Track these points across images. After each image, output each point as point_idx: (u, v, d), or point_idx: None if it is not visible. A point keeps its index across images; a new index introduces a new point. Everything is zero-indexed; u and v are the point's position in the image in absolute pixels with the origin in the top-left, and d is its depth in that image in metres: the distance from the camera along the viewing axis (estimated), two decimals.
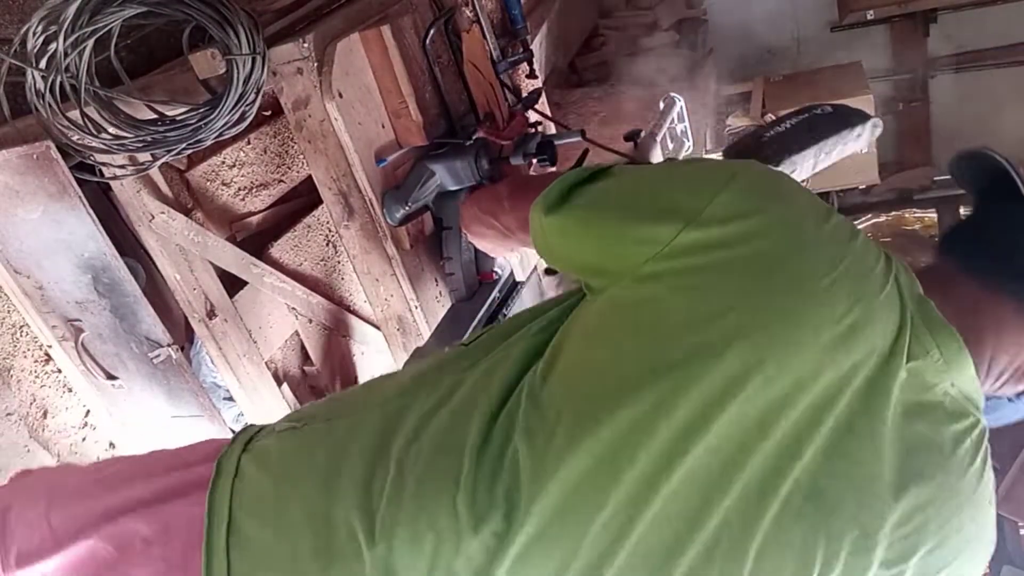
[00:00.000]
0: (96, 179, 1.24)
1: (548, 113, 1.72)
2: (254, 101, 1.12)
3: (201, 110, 1.10)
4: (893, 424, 0.61)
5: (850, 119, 1.19)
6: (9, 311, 1.60)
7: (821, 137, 1.17)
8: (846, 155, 1.21)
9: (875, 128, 1.19)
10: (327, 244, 2.06)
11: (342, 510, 0.69)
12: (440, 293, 1.40)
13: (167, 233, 1.47)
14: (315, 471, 0.73)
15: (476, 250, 1.40)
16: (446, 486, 0.66)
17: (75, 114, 1.08)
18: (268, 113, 1.91)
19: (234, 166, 1.84)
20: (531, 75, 1.64)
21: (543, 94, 1.62)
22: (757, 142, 1.22)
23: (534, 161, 1.40)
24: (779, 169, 1.17)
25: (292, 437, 0.80)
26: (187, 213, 1.63)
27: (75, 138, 1.11)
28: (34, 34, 1.03)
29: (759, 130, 1.25)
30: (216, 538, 0.70)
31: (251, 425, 0.85)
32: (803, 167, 1.18)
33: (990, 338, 0.68)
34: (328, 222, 2.03)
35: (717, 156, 3.32)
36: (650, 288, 0.65)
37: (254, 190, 1.90)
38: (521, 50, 1.61)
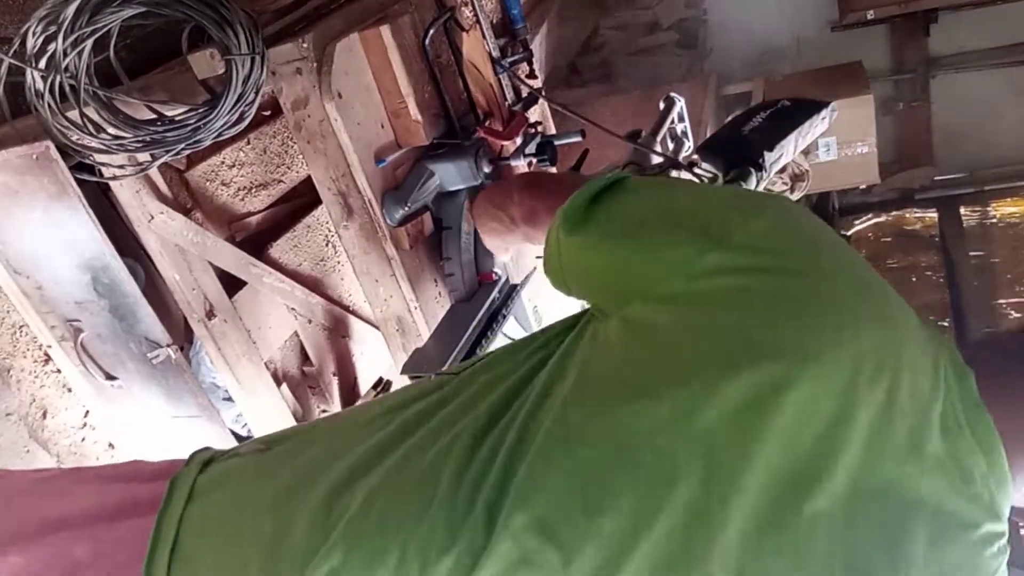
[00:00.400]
0: (95, 179, 1.24)
1: (549, 116, 1.72)
2: (253, 101, 1.12)
3: (200, 110, 1.10)
4: (926, 496, 0.57)
5: (814, 106, 1.30)
6: (8, 311, 1.60)
7: (798, 123, 1.27)
8: (816, 137, 1.33)
9: (832, 112, 1.31)
10: (326, 244, 2.06)
11: (298, 528, 0.66)
12: (440, 294, 1.40)
13: (166, 233, 1.47)
14: (274, 493, 0.70)
15: (476, 250, 1.40)
16: (419, 500, 0.63)
17: (74, 114, 1.08)
18: (267, 113, 1.91)
19: (233, 166, 1.84)
20: (531, 75, 1.64)
21: (543, 94, 1.62)
22: (739, 135, 1.28)
23: (534, 161, 1.39)
24: (773, 153, 1.23)
25: (256, 458, 0.77)
26: (186, 213, 1.63)
27: (74, 138, 1.11)
28: (34, 34, 1.03)
29: (733, 125, 1.32)
30: (157, 562, 0.67)
31: (208, 447, 0.82)
32: (787, 150, 1.28)
33: None
34: (327, 222, 2.03)
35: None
36: (669, 309, 0.62)
37: (253, 190, 1.90)
38: (521, 50, 1.61)
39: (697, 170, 1.36)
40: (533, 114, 1.62)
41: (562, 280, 0.77)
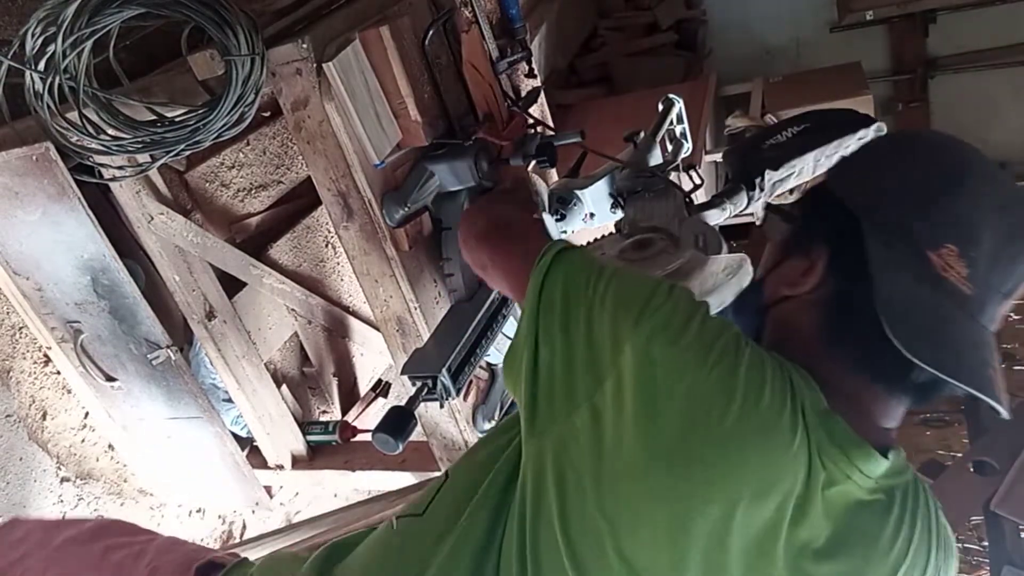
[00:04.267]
0: (95, 180, 1.24)
1: (548, 116, 1.72)
2: (253, 102, 1.11)
3: (200, 111, 1.10)
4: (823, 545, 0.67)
5: (855, 124, 1.20)
6: (8, 312, 1.60)
7: (822, 142, 1.18)
8: (843, 156, 1.21)
9: (879, 132, 1.20)
10: (326, 245, 2.06)
11: None
12: (440, 294, 1.40)
13: (166, 234, 1.47)
14: None
15: None
16: None
17: (74, 115, 1.08)
18: (267, 114, 1.92)
19: (233, 167, 1.84)
20: (530, 74, 1.64)
21: (542, 93, 1.62)
22: (756, 148, 1.23)
23: (533, 162, 1.39)
24: (778, 173, 1.19)
25: None
26: (186, 214, 1.63)
27: (74, 139, 1.11)
28: (33, 35, 1.03)
29: (761, 135, 1.24)
30: None
31: None
32: (801, 169, 1.19)
33: (881, 419, 0.73)
34: (327, 223, 2.03)
35: (717, 158, 3.33)
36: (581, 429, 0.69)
37: (253, 191, 1.90)
38: (520, 49, 1.61)
39: (693, 173, 1.36)
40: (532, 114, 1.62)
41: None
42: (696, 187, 1.31)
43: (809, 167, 1.20)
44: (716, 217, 1.24)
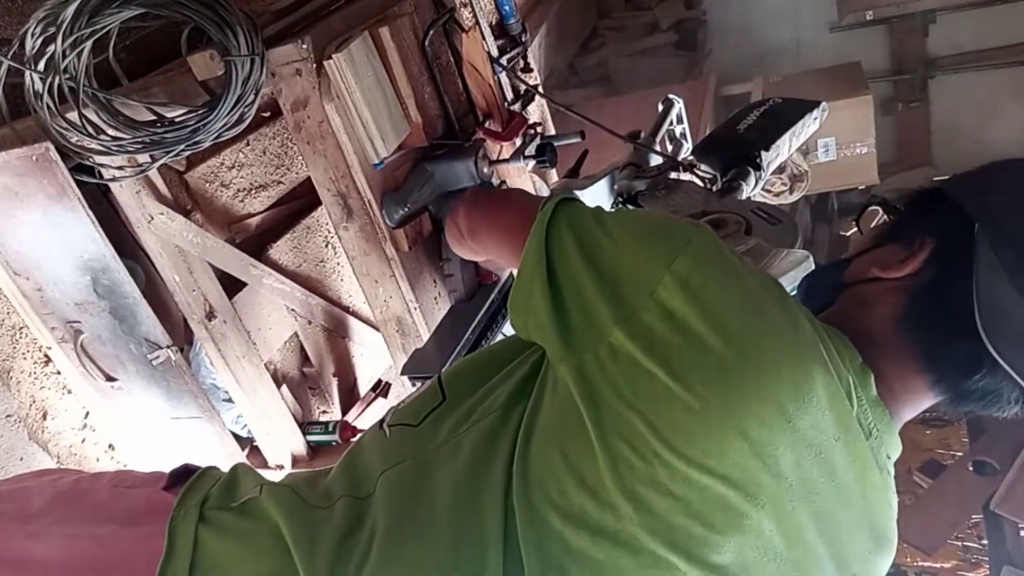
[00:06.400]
0: (95, 181, 1.24)
1: (548, 116, 1.72)
2: (253, 102, 1.12)
3: (199, 111, 1.10)
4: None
5: (805, 106, 1.29)
6: (8, 313, 1.60)
7: (790, 123, 1.26)
8: (808, 136, 1.32)
9: (823, 112, 1.30)
10: (326, 245, 2.06)
11: None
12: (439, 294, 1.40)
13: (166, 234, 1.47)
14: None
15: None
16: None
17: (74, 116, 1.08)
18: (267, 114, 1.91)
19: (233, 167, 1.84)
20: (526, 68, 1.64)
21: (539, 90, 1.62)
22: (735, 134, 1.27)
23: (533, 162, 1.40)
24: (769, 153, 1.22)
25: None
26: (186, 214, 1.63)
27: (74, 140, 1.11)
28: (32, 35, 1.03)
29: (728, 125, 1.30)
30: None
31: (194, 487, 0.87)
32: (782, 150, 1.27)
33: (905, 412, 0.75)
34: (327, 223, 2.03)
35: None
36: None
37: (253, 191, 1.90)
38: (515, 45, 1.61)
39: (696, 171, 1.36)
40: (532, 115, 1.62)
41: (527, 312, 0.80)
42: (713, 178, 1.31)
43: (786, 147, 1.27)
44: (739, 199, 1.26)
